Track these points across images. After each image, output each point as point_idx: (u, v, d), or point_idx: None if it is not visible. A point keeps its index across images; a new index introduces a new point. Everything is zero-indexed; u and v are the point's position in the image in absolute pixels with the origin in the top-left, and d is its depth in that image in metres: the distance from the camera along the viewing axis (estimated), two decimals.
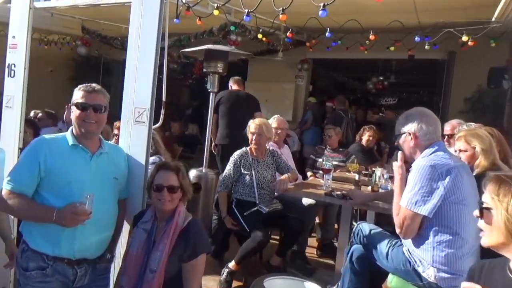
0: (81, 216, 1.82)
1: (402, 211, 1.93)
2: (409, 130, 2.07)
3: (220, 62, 4.30)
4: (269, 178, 3.41)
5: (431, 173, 1.88)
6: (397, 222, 1.95)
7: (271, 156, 3.53)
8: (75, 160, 2.01)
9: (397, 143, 2.16)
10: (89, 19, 7.34)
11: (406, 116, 2.13)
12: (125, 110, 2.38)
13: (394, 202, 2.02)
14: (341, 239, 3.02)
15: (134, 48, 2.34)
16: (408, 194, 1.92)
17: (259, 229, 3.06)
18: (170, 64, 10.07)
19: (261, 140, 3.41)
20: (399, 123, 2.14)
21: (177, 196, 2.05)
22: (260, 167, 3.41)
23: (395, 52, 6.75)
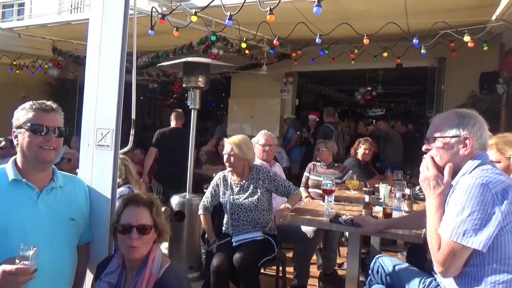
0: (21, 276, 1.37)
1: (444, 243, 1.49)
2: (467, 134, 1.61)
3: (201, 76, 3.89)
4: (248, 205, 2.85)
5: (483, 193, 1.44)
6: (437, 258, 1.51)
7: (257, 180, 2.91)
8: (16, 200, 1.57)
9: (430, 147, 1.68)
10: (60, 39, 6.91)
11: (462, 115, 1.65)
12: (85, 133, 1.95)
13: (430, 230, 1.57)
14: (350, 269, 2.61)
15: (93, 66, 1.96)
16: (453, 222, 1.47)
17: (217, 257, 2.66)
18: (150, 84, 9.76)
19: (234, 161, 2.86)
20: (445, 123, 1.65)
21: (149, 238, 1.62)
22: (236, 193, 2.92)
23: (382, 61, 6.54)
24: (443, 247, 1.49)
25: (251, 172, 2.95)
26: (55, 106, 1.69)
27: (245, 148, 2.90)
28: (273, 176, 2.95)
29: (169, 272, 1.63)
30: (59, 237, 1.64)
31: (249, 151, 2.93)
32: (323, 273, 3.48)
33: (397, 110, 10.30)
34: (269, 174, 2.95)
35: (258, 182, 2.91)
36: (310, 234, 3.04)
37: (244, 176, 2.94)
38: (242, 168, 2.92)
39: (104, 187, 1.88)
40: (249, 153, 2.93)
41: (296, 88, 8.43)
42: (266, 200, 2.92)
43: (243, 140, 2.94)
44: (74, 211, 1.73)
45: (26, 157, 1.62)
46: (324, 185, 2.76)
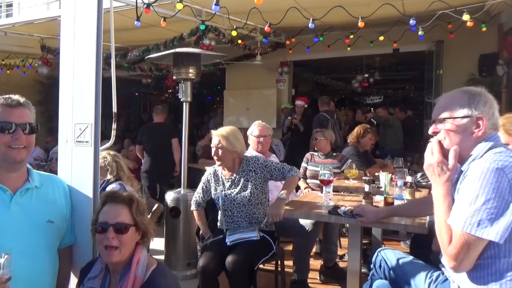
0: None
1: (457, 235, 1.35)
2: (479, 113, 1.45)
3: (192, 67, 3.76)
4: (241, 200, 2.69)
5: (499, 179, 1.30)
6: (448, 251, 1.37)
7: (248, 172, 2.73)
8: None
9: (437, 130, 1.53)
10: (49, 36, 6.73)
11: (471, 93, 1.50)
12: (63, 128, 1.83)
13: (439, 221, 1.44)
14: (351, 262, 2.50)
15: (68, 58, 1.85)
16: (465, 211, 1.34)
17: (204, 257, 2.52)
18: (144, 79, 9.59)
19: (222, 154, 2.69)
20: (455, 103, 1.50)
21: (129, 238, 1.49)
22: (227, 188, 2.75)
23: (379, 47, 6.40)
24: (455, 239, 1.35)
25: (241, 165, 2.77)
26: (23, 100, 1.56)
27: (234, 139, 2.72)
28: (263, 162, 2.77)
29: (156, 274, 1.51)
30: (36, 241, 1.53)
31: (238, 143, 2.75)
32: (324, 266, 3.37)
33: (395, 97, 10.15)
34: (259, 162, 2.77)
35: (249, 174, 2.74)
36: (308, 227, 2.92)
37: (234, 169, 2.77)
38: (231, 161, 2.75)
39: (85, 186, 1.76)
40: (238, 145, 2.75)
41: (292, 78, 8.28)
42: (261, 193, 2.75)
43: (230, 132, 2.76)
44: (52, 212, 1.61)
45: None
46: (322, 175, 2.63)
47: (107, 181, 2.98)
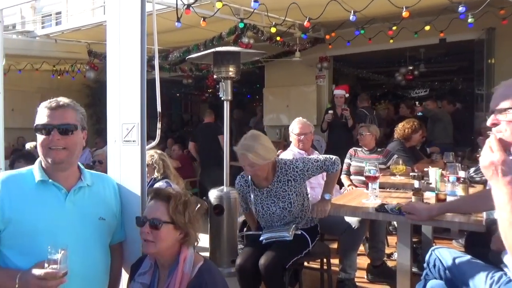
0: (51, 280, 1.31)
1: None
2: None
3: (232, 66, 3.77)
4: (281, 212, 2.51)
5: None
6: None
7: (286, 181, 2.49)
8: (44, 202, 1.52)
9: (497, 122, 1.40)
10: (94, 41, 7.04)
11: None
12: (111, 129, 1.88)
13: (503, 224, 1.31)
14: (401, 261, 2.40)
15: (114, 65, 1.91)
16: None
17: (242, 256, 2.49)
18: (185, 80, 9.79)
19: (257, 172, 2.44)
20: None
21: (163, 234, 1.51)
22: (264, 199, 2.54)
23: (423, 37, 6.11)
24: None
25: (276, 174, 2.51)
26: (65, 102, 1.58)
27: (263, 151, 2.39)
28: (302, 166, 2.50)
29: (203, 271, 1.52)
30: (89, 238, 1.58)
31: (269, 152, 2.43)
32: (371, 264, 3.27)
33: (442, 89, 9.65)
34: (297, 169, 2.50)
35: (288, 184, 2.50)
36: (355, 225, 2.84)
37: (269, 179, 2.52)
38: (266, 172, 2.49)
39: (133, 184, 1.81)
40: (270, 154, 2.44)
41: (332, 73, 8.12)
42: (302, 198, 2.59)
43: (257, 142, 2.40)
44: (104, 210, 1.67)
45: (42, 158, 1.57)
46: (367, 171, 2.55)
47: (155, 179, 3.05)
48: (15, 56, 6.88)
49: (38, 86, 8.76)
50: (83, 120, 1.63)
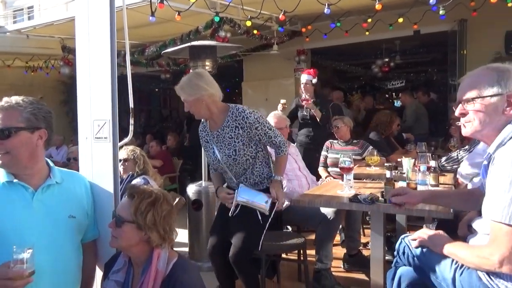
0: (17, 280, 1.29)
1: (501, 231, 1.26)
2: (510, 91, 1.37)
3: (208, 60, 3.76)
4: (225, 159, 2.42)
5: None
6: (497, 258, 1.28)
7: (234, 128, 2.37)
8: (11, 203, 1.50)
9: (465, 111, 1.45)
10: (68, 36, 6.87)
11: (500, 70, 1.43)
12: (82, 125, 1.86)
13: (465, 256, 1.40)
14: (374, 249, 2.46)
15: (84, 61, 1.88)
16: (504, 202, 1.25)
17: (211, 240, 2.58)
18: (162, 75, 9.67)
19: (191, 108, 2.37)
20: (483, 81, 1.42)
21: (123, 232, 1.50)
22: (214, 143, 2.47)
23: (398, 29, 6.20)
24: (497, 237, 1.27)
25: (227, 118, 2.39)
26: (7, 103, 1.50)
27: (189, 87, 2.30)
28: (253, 121, 2.35)
29: (177, 267, 1.53)
30: (59, 236, 1.57)
31: (194, 88, 2.29)
32: (347, 254, 3.34)
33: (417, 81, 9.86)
34: (247, 119, 2.35)
35: (235, 130, 2.38)
36: (330, 216, 2.90)
37: (218, 123, 2.41)
38: (207, 111, 2.37)
39: (106, 181, 1.80)
40: (195, 90, 2.29)
41: (310, 66, 8.17)
42: (250, 152, 2.42)
43: (188, 78, 2.34)
44: (74, 207, 1.65)
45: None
46: (342, 162, 2.60)
47: (132, 175, 3.03)
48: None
49: (10, 83, 8.50)
50: (36, 120, 1.53)
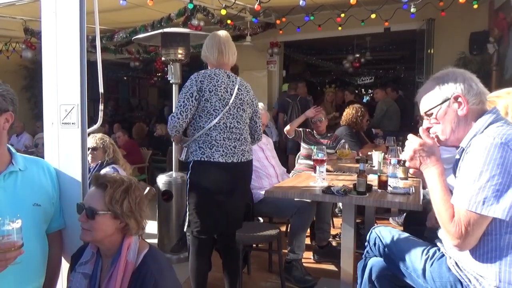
0: (9, 252, 1.23)
1: (461, 214, 1.32)
2: (454, 92, 1.43)
3: (181, 48, 3.67)
4: None
5: (504, 154, 1.25)
6: (451, 230, 1.33)
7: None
8: None
9: (430, 125, 1.51)
10: (31, 18, 6.52)
11: (438, 77, 1.49)
12: (48, 110, 1.76)
13: (436, 201, 1.40)
14: (345, 240, 2.50)
15: (51, 44, 1.77)
16: (469, 189, 1.30)
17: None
18: (132, 63, 9.40)
19: None
20: (429, 93, 1.50)
21: (98, 224, 1.43)
22: None
23: (370, 26, 6.33)
24: (459, 218, 1.32)
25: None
26: None
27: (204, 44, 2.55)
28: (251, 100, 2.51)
29: (148, 258, 1.48)
30: (24, 225, 1.46)
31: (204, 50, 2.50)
32: (317, 245, 3.39)
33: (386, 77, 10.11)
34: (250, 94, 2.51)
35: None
36: (304, 207, 2.91)
37: None
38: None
39: (73, 169, 1.71)
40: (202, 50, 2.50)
41: (282, 59, 8.19)
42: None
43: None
44: (38, 195, 1.57)
45: None
46: (315, 154, 2.61)
47: (101, 163, 2.92)
48: None
49: None
50: (4, 101, 1.47)
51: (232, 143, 2.31)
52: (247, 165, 2.40)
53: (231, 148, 2.30)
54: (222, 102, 2.29)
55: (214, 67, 2.43)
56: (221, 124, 2.29)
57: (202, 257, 2.42)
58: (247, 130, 2.44)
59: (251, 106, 2.47)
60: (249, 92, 2.47)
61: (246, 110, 2.41)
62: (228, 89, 2.33)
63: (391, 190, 2.32)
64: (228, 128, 2.30)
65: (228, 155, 2.28)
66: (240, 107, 2.37)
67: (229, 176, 2.30)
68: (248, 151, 2.40)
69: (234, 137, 2.32)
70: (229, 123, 2.31)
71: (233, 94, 2.34)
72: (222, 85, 2.32)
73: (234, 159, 2.30)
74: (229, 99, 2.31)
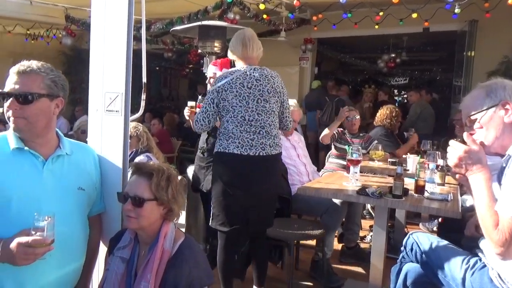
0: (39, 248, 1.27)
1: (505, 222, 1.28)
2: (502, 99, 1.44)
3: (217, 41, 3.68)
4: None
5: None
6: (494, 237, 1.30)
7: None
8: (20, 170, 1.44)
9: (473, 132, 1.50)
10: (73, 6, 6.72)
11: (487, 85, 1.50)
12: (93, 97, 1.81)
13: (481, 207, 1.35)
14: (376, 243, 2.46)
15: (99, 32, 1.80)
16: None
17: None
18: (165, 53, 9.53)
19: None
20: (475, 99, 1.50)
21: (146, 211, 1.47)
22: None
23: (408, 25, 6.15)
24: (503, 225, 1.29)
25: None
26: (30, 67, 1.44)
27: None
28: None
29: (184, 247, 1.50)
30: (68, 208, 1.53)
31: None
32: (345, 246, 3.35)
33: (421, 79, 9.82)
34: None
35: None
36: (335, 206, 2.88)
37: None
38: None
39: (115, 155, 1.75)
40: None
41: (315, 56, 8.09)
42: None
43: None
44: (83, 180, 1.60)
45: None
46: (350, 154, 2.57)
47: (136, 151, 2.99)
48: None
49: (10, 50, 8.31)
50: (56, 87, 1.49)
51: (251, 136, 2.30)
52: (267, 159, 2.35)
53: (248, 140, 2.29)
54: (238, 98, 2.32)
55: (241, 61, 2.47)
56: (238, 118, 2.31)
57: (229, 250, 2.44)
58: (273, 122, 2.39)
59: (275, 95, 2.41)
60: (271, 81, 2.41)
61: (269, 100, 2.37)
62: (244, 83, 2.34)
63: (428, 195, 2.26)
64: (247, 121, 2.30)
65: (244, 147, 2.29)
66: (261, 98, 2.34)
67: (245, 169, 2.30)
68: (270, 145, 2.35)
69: (254, 130, 2.31)
70: (247, 116, 2.31)
71: (251, 87, 2.34)
72: (238, 81, 2.34)
73: (251, 152, 2.29)
74: (246, 93, 2.32)
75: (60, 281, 1.50)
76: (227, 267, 2.44)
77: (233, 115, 2.31)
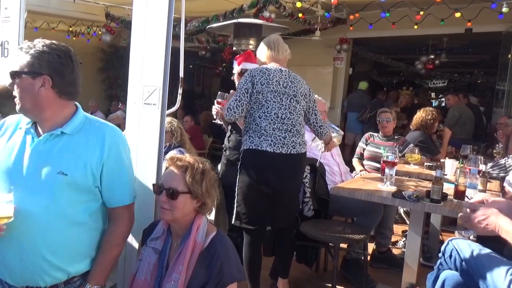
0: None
1: None
2: None
3: (252, 39, 3.69)
4: None
5: None
6: None
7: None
8: (13, 145, 1.45)
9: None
10: (113, 4, 6.92)
11: None
12: (132, 90, 1.85)
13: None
14: (410, 249, 2.38)
15: (140, 27, 1.84)
16: None
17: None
18: (200, 52, 9.65)
19: None
20: None
21: (180, 204, 1.48)
22: None
23: (449, 26, 5.91)
24: None
25: None
26: (26, 46, 1.40)
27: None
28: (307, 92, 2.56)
29: (216, 241, 1.50)
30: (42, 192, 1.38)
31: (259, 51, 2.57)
32: (377, 250, 3.26)
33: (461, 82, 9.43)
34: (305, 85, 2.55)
35: None
36: (370, 208, 2.81)
37: None
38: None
39: (151, 148, 1.79)
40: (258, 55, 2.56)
41: (350, 56, 7.95)
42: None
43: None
44: (71, 165, 1.40)
45: None
46: (386, 156, 2.50)
47: (170, 146, 3.03)
48: (32, 12, 6.79)
49: None
50: (39, 65, 1.38)
51: (283, 134, 2.31)
52: (298, 157, 2.37)
53: (280, 138, 2.30)
54: (274, 94, 2.34)
55: (272, 63, 2.49)
56: (272, 114, 2.32)
57: (254, 247, 2.45)
58: (301, 122, 2.43)
59: (305, 99, 2.46)
60: (302, 85, 2.48)
61: (300, 102, 2.42)
62: (280, 81, 2.38)
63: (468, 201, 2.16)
64: (280, 118, 2.32)
65: (277, 145, 2.29)
66: (294, 98, 2.38)
67: (277, 167, 2.30)
68: (300, 143, 2.37)
69: (285, 128, 2.32)
70: (280, 113, 2.32)
71: (286, 87, 2.38)
72: (274, 78, 2.37)
73: (283, 150, 2.29)
74: (281, 91, 2.35)
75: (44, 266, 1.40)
76: (253, 263, 2.44)
77: (266, 111, 2.32)
